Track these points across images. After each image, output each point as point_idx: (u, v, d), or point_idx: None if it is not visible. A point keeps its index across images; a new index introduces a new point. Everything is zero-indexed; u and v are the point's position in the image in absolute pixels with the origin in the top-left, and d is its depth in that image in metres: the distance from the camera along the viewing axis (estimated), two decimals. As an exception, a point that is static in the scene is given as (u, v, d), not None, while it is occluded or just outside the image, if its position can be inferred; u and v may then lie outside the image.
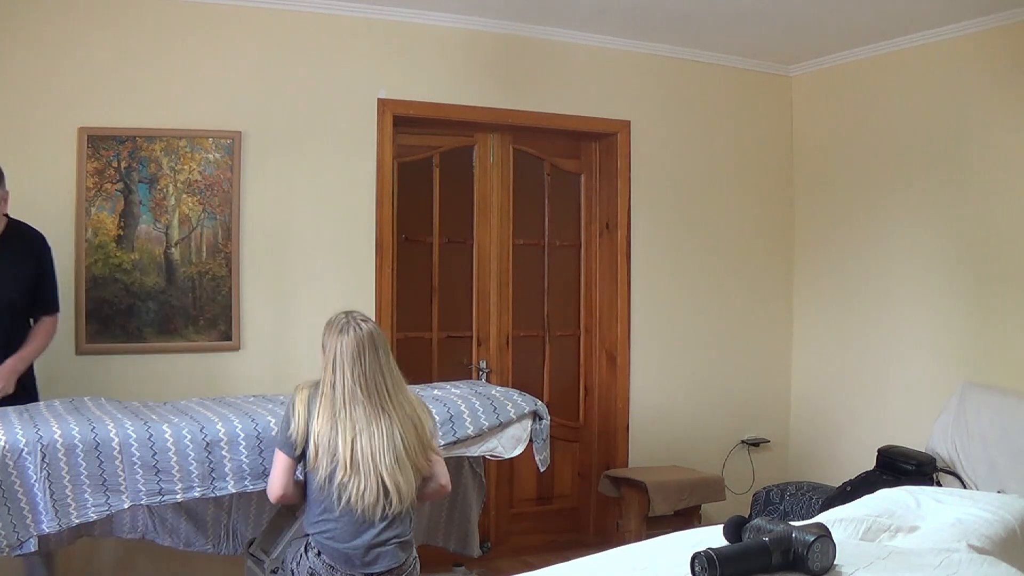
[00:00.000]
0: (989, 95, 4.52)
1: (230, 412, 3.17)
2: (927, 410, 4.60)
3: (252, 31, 4.35)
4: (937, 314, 4.74)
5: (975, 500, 2.45)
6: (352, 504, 2.78)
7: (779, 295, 5.57)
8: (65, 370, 4.01)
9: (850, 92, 5.24)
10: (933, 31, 4.68)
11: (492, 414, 3.41)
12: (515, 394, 3.59)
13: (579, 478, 5.30)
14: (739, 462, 5.41)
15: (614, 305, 5.20)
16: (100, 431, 2.86)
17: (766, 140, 5.53)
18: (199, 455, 2.93)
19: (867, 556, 1.94)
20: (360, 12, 4.51)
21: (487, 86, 4.81)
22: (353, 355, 2.84)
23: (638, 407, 5.20)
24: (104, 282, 4.10)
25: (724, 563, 1.75)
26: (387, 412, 2.84)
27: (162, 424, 2.97)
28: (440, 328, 4.97)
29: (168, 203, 4.21)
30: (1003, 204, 4.46)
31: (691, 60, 5.28)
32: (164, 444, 2.90)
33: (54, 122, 4.03)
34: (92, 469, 2.81)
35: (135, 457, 2.86)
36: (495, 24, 4.76)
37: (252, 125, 4.32)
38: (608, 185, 5.23)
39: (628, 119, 5.15)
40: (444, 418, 3.29)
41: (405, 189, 4.80)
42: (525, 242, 5.17)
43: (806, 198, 5.53)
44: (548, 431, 3.60)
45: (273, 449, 2.93)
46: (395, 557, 2.89)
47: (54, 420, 2.92)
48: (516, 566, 3.39)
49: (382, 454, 2.80)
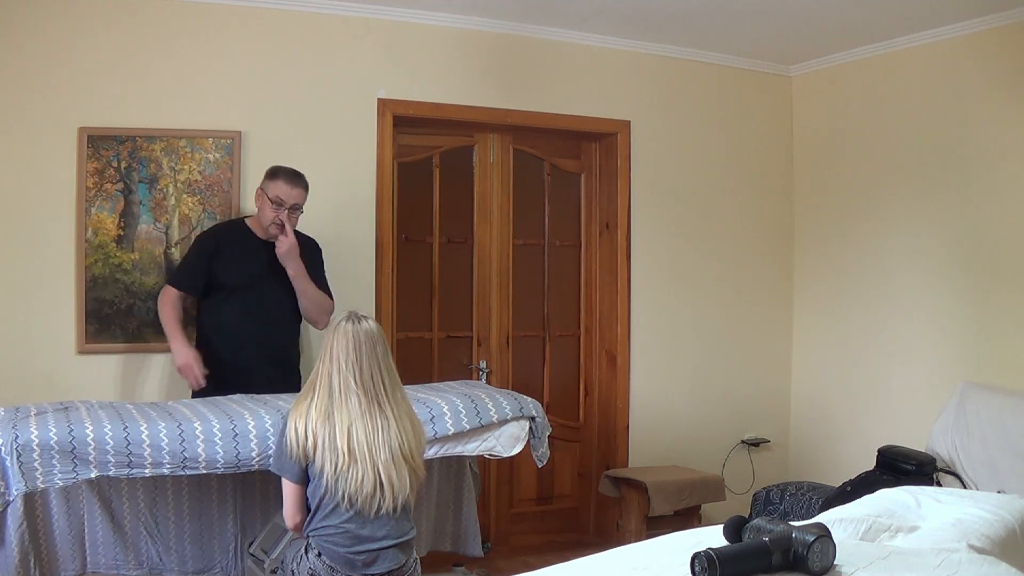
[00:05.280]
0: (989, 95, 4.52)
1: (210, 411, 3.17)
2: (927, 410, 4.60)
3: (252, 31, 4.35)
4: (937, 314, 4.74)
5: (975, 500, 2.45)
6: (352, 495, 2.78)
7: (779, 295, 5.58)
8: (65, 370, 4.02)
9: (850, 92, 5.24)
10: (933, 31, 4.68)
11: (474, 417, 3.39)
12: (503, 397, 3.55)
13: (579, 478, 5.30)
14: (739, 462, 5.41)
15: (614, 305, 5.20)
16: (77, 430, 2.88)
17: (766, 140, 5.54)
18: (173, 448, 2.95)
19: (867, 556, 1.94)
20: (360, 12, 4.52)
21: (487, 86, 4.81)
22: (349, 348, 2.84)
23: (638, 407, 5.20)
24: (104, 282, 4.10)
25: (724, 563, 1.75)
26: (383, 409, 2.84)
27: (140, 424, 2.97)
28: (440, 328, 4.97)
29: (168, 203, 4.21)
30: (1003, 204, 4.46)
31: (691, 60, 5.28)
32: (139, 438, 2.91)
33: (54, 122, 4.03)
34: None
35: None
36: (495, 24, 4.76)
37: (252, 125, 4.33)
38: (608, 185, 5.24)
39: (628, 119, 5.15)
40: (426, 418, 3.27)
41: (405, 189, 4.81)
42: (525, 242, 5.17)
43: (806, 198, 5.53)
44: (545, 428, 3.58)
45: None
46: (395, 558, 2.89)
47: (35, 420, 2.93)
48: (516, 566, 3.39)
49: (378, 447, 2.79)
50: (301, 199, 3.89)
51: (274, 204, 3.82)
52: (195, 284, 3.89)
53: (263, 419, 3.10)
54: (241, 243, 3.92)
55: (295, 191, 3.85)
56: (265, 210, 3.85)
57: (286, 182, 3.84)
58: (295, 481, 2.86)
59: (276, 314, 3.90)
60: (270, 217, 3.83)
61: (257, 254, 3.89)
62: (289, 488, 2.88)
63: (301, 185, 3.88)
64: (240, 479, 3.47)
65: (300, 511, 2.90)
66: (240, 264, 3.85)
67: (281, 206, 3.81)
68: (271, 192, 3.84)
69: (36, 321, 4.02)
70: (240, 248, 3.90)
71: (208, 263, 3.87)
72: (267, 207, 3.84)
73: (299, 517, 2.91)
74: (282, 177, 3.85)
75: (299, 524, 2.92)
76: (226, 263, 3.86)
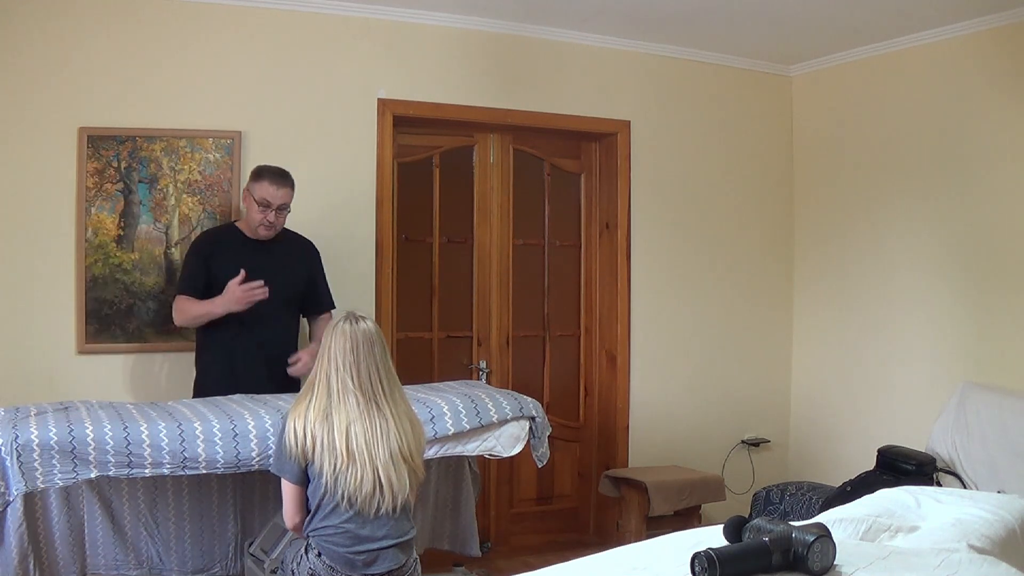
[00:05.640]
0: (989, 95, 4.52)
1: (210, 411, 3.17)
2: (927, 410, 4.60)
3: (252, 31, 4.35)
4: (937, 314, 4.74)
5: (975, 500, 2.45)
6: (351, 495, 2.78)
7: (779, 294, 5.58)
8: (65, 370, 4.02)
9: (850, 92, 5.24)
10: (933, 31, 4.68)
11: (474, 417, 3.39)
12: (503, 397, 3.55)
13: (579, 478, 5.30)
14: (739, 462, 5.41)
15: (614, 305, 5.20)
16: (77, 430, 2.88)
17: (766, 140, 5.54)
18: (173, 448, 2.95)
19: (867, 556, 1.95)
20: (360, 12, 4.52)
21: (487, 86, 4.81)
22: (347, 349, 2.84)
23: (638, 407, 5.20)
24: (104, 282, 4.10)
25: (724, 563, 1.75)
26: (382, 409, 2.84)
27: (140, 424, 2.97)
28: (440, 328, 4.97)
29: (168, 203, 4.21)
30: (1003, 203, 4.46)
31: (691, 60, 5.28)
32: (139, 438, 2.91)
33: (54, 122, 4.03)
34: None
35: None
36: (495, 24, 4.76)
37: (252, 125, 4.33)
38: (608, 185, 5.24)
39: (628, 119, 5.15)
40: (426, 418, 3.27)
41: (405, 189, 4.81)
42: (525, 242, 5.17)
43: (806, 198, 5.53)
44: (545, 428, 3.58)
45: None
46: (395, 558, 2.89)
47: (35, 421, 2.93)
48: (516, 566, 3.39)
49: (377, 448, 2.79)
50: (288, 199, 3.84)
51: (260, 206, 3.79)
52: (199, 286, 3.86)
53: (263, 419, 3.10)
54: (233, 246, 3.88)
55: (280, 191, 3.80)
56: (252, 212, 3.83)
57: (271, 183, 3.79)
58: (294, 481, 2.86)
59: (272, 315, 3.87)
60: (257, 219, 3.81)
61: (250, 255, 3.85)
62: (288, 488, 2.88)
63: (287, 185, 3.83)
64: (240, 479, 3.47)
65: (299, 511, 2.90)
66: (234, 265, 3.80)
67: (268, 207, 3.79)
68: (257, 194, 3.80)
69: (36, 321, 4.02)
70: (233, 251, 3.86)
71: (205, 264, 3.85)
72: (254, 208, 3.81)
73: (298, 517, 2.90)
74: (267, 178, 3.81)
75: (298, 524, 2.92)
76: (221, 265, 3.83)
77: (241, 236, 3.92)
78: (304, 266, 4.02)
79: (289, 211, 3.89)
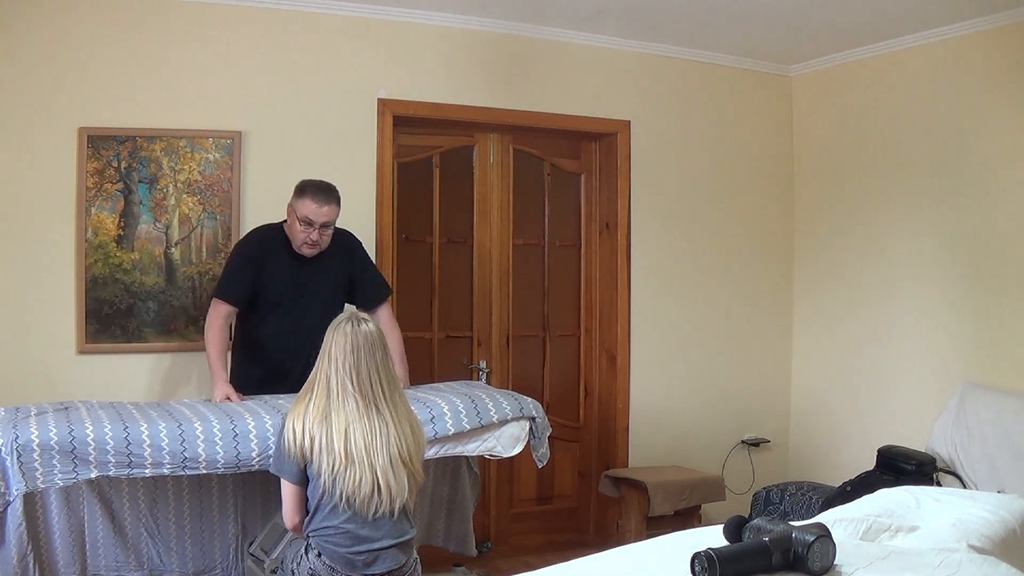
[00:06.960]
0: (989, 95, 4.52)
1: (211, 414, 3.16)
2: (927, 410, 4.60)
3: (252, 31, 4.35)
4: (937, 313, 4.74)
5: (975, 500, 2.45)
6: (350, 496, 2.77)
7: (779, 294, 5.57)
8: (65, 370, 4.02)
9: (850, 92, 5.24)
10: (933, 31, 4.68)
11: (475, 417, 3.39)
12: (503, 397, 3.54)
13: (579, 478, 5.30)
14: (739, 462, 5.41)
15: (614, 305, 5.20)
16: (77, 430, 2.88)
17: (766, 140, 5.54)
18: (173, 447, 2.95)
19: (867, 556, 1.95)
20: (360, 12, 4.52)
21: (487, 86, 4.81)
22: (347, 350, 2.83)
23: (638, 407, 5.20)
24: (104, 282, 4.10)
25: (724, 563, 1.76)
26: (382, 412, 2.83)
27: (140, 424, 2.97)
28: (440, 328, 4.97)
29: (168, 203, 4.21)
30: (1003, 203, 4.46)
31: (691, 60, 5.28)
32: (139, 438, 2.92)
33: (54, 122, 4.03)
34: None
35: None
36: (495, 24, 4.76)
37: (252, 125, 4.33)
38: (608, 185, 5.24)
39: (628, 119, 5.15)
40: (426, 418, 3.27)
41: (405, 189, 4.80)
42: (525, 242, 5.17)
43: (806, 198, 5.53)
44: (545, 428, 3.58)
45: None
46: (395, 559, 2.89)
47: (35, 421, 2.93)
48: (516, 566, 3.39)
49: (376, 451, 2.79)
50: (332, 216, 3.63)
51: (303, 224, 3.59)
52: (243, 297, 3.68)
53: (263, 419, 3.10)
54: (282, 256, 3.71)
55: (324, 208, 3.59)
56: (295, 230, 3.64)
57: (313, 199, 3.58)
58: (294, 482, 2.85)
59: (316, 334, 3.72)
60: (300, 238, 3.62)
61: (297, 267, 3.71)
62: (288, 489, 2.88)
63: (331, 201, 3.62)
64: (240, 479, 3.47)
65: (299, 512, 2.90)
66: (282, 279, 3.67)
67: (311, 226, 3.59)
68: (299, 211, 3.59)
69: (36, 321, 4.02)
70: (281, 261, 3.71)
71: (253, 274, 3.67)
72: (296, 226, 3.62)
73: (298, 518, 2.90)
74: (309, 194, 3.59)
75: (298, 525, 2.92)
76: (269, 277, 3.68)
77: (287, 245, 3.73)
78: (344, 267, 3.83)
79: (333, 228, 3.69)
